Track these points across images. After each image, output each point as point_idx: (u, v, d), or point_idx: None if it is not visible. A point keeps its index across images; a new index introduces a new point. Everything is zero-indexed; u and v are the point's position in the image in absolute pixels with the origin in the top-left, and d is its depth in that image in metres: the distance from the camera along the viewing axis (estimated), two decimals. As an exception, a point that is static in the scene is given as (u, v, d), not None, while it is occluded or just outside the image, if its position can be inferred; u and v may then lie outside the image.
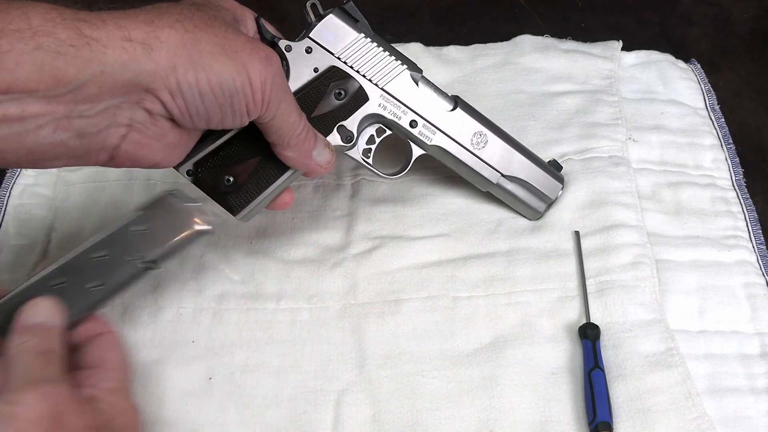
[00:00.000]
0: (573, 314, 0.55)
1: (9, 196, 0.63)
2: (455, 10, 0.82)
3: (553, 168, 0.60)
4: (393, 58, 0.53)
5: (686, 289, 0.57)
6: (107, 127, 0.40)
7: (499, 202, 0.61)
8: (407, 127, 0.54)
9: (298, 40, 0.50)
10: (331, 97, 0.51)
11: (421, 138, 0.55)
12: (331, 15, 0.51)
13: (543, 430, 0.49)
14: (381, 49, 0.52)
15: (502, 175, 0.57)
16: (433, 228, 0.60)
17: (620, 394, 0.50)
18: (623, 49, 0.74)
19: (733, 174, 0.65)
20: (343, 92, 0.51)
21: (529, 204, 0.59)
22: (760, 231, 0.61)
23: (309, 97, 0.51)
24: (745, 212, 0.62)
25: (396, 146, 0.57)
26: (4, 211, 0.62)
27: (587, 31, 0.79)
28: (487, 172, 0.57)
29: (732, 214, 0.62)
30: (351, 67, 0.51)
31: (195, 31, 0.41)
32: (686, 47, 0.77)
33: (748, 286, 0.57)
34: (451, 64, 0.72)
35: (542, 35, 0.75)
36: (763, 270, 0.58)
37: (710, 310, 0.56)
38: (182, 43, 0.40)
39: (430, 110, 0.54)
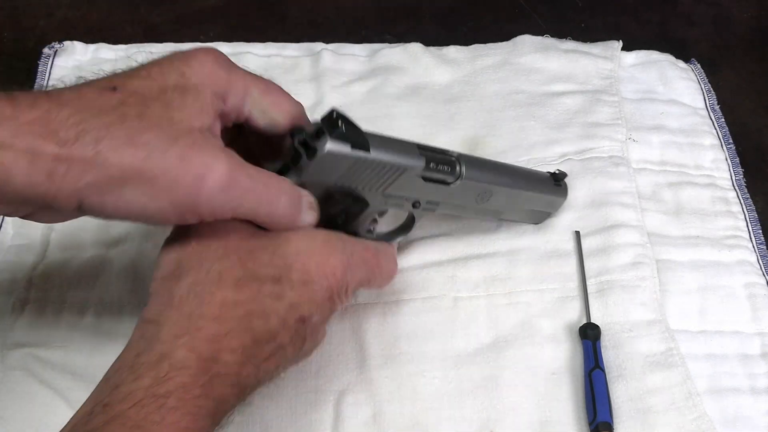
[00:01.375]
0: (573, 314, 0.55)
1: (9, 196, 0.63)
2: (455, 10, 0.82)
3: (557, 179, 0.58)
4: (392, 163, 0.47)
5: (686, 289, 0.57)
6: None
7: None
8: (410, 208, 0.52)
9: (288, 176, 0.45)
10: (329, 214, 0.47)
11: (424, 212, 0.53)
12: (326, 152, 0.43)
13: (543, 430, 0.49)
14: (380, 158, 0.46)
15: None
16: (432, 228, 0.60)
17: (620, 394, 0.50)
18: (623, 49, 0.74)
19: (733, 174, 0.65)
20: (342, 209, 0.47)
21: (530, 220, 0.59)
22: (760, 231, 0.61)
23: None
24: (745, 212, 0.62)
25: None
26: (4, 211, 0.62)
27: (587, 31, 0.79)
28: (491, 215, 0.56)
29: (732, 214, 0.62)
30: (349, 186, 0.47)
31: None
32: (686, 47, 0.77)
33: (749, 286, 0.57)
34: (451, 64, 0.72)
35: (542, 35, 0.75)
36: (764, 270, 0.58)
37: (710, 310, 0.56)
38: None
39: (433, 193, 0.51)
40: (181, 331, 0.38)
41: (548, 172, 0.58)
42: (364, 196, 0.48)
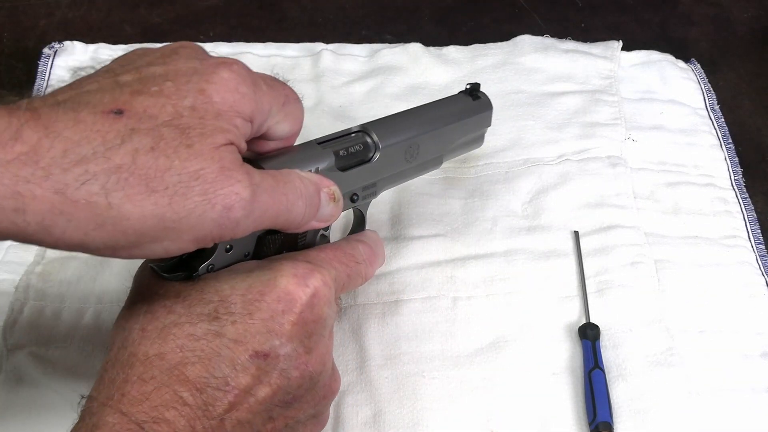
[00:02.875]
0: (572, 314, 0.55)
1: (9, 197, 0.63)
2: (455, 10, 0.82)
3: (473, 93, 0.55)
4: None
5: (686, 289, 0.57)
6: None
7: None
8: (351, 204, 0.49)
9: None
10: (269, 255, 0.44)
11: (366, 201, 0.50)
12: None
13: (543, 430, 0.49)
14: None
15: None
16: (430, 228, 0.60)
17: (620, 394, 0.50)
18: (623, 49, 0.74)
19: (732, 174, 0.65)
20: (279, 245, 0.44)
21: (472, 146, 0.57)
22: (759, 231, 0.61)
23: None
24: (744, 212, 0.62)
25: None
26: (4, 211, 0.62)
27: (587, 31, 0.79)
28: (434, 165, 0.54)
29: (730, 214, 0.62)
30: None
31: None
32: (686, 47, 0.78)
33: (748, 286, 0.57)
34: (451, 64, 0.72)
35: (542, 35, 0.75)
36: (763, 270, 0.58)
37: (710, 310, 0.56)
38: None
39: (363, 178, 0.48)
40: (107, 398, 0.35)
41: (461, 92, 0.56)
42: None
